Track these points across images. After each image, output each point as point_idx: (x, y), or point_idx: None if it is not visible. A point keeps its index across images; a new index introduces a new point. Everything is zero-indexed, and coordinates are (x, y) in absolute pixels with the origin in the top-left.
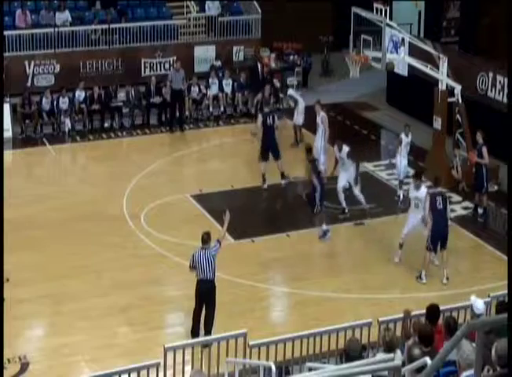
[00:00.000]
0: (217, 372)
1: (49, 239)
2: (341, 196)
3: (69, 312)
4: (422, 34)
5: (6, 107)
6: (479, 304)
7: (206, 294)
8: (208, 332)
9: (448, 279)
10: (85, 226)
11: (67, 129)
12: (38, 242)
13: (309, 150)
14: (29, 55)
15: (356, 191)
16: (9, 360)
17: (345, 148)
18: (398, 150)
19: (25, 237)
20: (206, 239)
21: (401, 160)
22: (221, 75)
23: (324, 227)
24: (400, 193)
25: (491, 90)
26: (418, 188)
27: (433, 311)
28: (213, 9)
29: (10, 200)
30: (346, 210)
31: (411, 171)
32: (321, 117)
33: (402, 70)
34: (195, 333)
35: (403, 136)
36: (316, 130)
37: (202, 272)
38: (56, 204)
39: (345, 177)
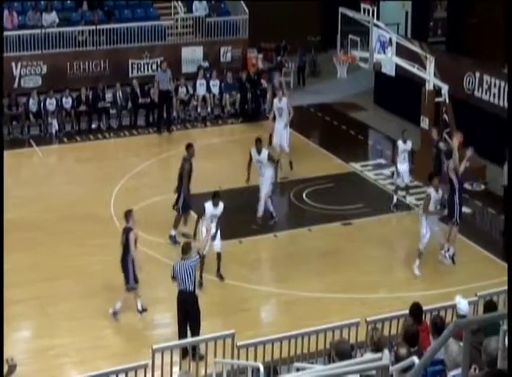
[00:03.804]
0: (205, 373)
1: (36, 240)
2: (269, 202)
3: (57, 314)
4: (409, 35)
5: None
6: (463, 305)
7: (186, 305)
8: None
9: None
10: (72, 228)
11: (54, 131)
12: (25, 244)
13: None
14: (16, 56)
15: (263, 195)
16: None
17: (265, 151)
18: (397, 157)
19: (12, 239)
20: (186, 249)
21: (402, 167)
22: (208, 75)
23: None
24: (395, 198)
25: (478, 90)
26: (437, 190)
27: (415, 309)
28: (200, 9)
29: None
30: (275, 215)
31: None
32: (285, 102)
33: (389, 70)
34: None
35: (400, 142)
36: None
37: (182, 284)
38: (43, 206)
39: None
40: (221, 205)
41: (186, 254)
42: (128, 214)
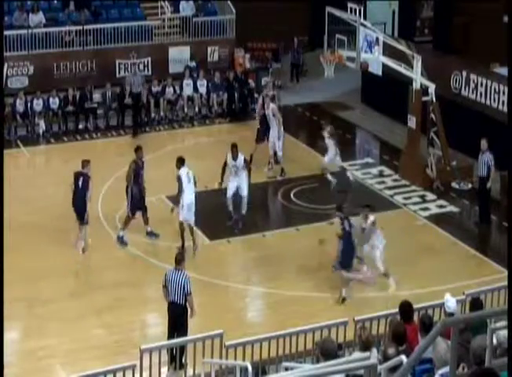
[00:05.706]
0: (194, 373)
1: (23, 241)
2: (230, 204)
3: (44, 315)
4: (396, 34)
5: None
6: (451, 303)
7: (176, 317)
8: (180, 361)
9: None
10: (60, 228)
11: (41, 131)
12: (12, 244)
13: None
14: None
15: (244, 198)
16: None
17: (241, 157)
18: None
19: None
20: (179, 259)
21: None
22: (195, 75)
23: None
24: (331, 178)
25: (465, 89)
26: (366, 218)
27: (405, 308)
28: (187, 9)
29: None
30: (233, 215)
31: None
32: (272, 109)
33: (376, 69)
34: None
35: None
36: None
37: (172, 295)
38: (30, 206)
39: (236, 184)
40: None
41: (180, 265)
42: (86, 163)
